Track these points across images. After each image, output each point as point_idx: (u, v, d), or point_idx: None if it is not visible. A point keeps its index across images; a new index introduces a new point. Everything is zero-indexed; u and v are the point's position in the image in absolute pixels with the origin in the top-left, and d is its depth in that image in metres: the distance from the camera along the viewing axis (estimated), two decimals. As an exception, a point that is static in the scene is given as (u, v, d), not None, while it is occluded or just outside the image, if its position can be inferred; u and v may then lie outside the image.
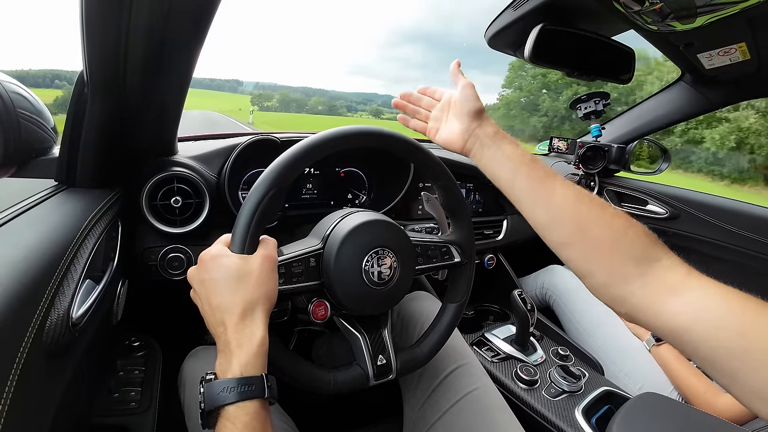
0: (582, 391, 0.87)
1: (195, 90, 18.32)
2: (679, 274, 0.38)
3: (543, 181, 0.47)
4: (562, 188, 0.46)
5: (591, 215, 0.43)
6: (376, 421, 0.79)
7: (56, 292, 0.42)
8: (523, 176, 0.49)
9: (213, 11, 0.50)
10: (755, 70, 0.98)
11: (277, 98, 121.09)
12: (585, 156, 1.34)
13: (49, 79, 71.53)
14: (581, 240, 0.44)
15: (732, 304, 0.34)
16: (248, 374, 0.39)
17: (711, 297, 0.35)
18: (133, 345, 0.82)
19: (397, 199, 0.98)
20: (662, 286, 0.38)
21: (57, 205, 0.56)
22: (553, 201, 0.46)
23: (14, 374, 0.33)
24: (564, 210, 0.45)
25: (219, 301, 0.41)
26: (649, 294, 0.38)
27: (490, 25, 1.00)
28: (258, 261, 0.43)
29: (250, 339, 0.40)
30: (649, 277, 0.39)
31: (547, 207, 0.47)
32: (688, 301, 0.36)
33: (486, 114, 0.54)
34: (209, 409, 0.37)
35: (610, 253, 0.42)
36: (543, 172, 0.48)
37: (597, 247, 0.43)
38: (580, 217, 0.44)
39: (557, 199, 0.46)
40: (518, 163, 0.49)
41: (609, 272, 0.42)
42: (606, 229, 0.42)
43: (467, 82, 0.55)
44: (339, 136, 0.50)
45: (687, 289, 0.37)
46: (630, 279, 0.40)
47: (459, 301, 0.62)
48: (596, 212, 0.43)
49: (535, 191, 0.48)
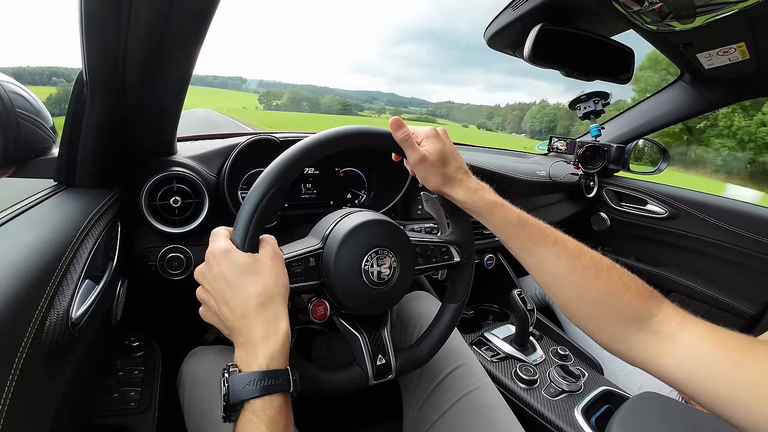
0: (581, 390, 0.87)
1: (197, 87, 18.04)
2: (671, 325, 0.40)
3: (532, 253, 0.48)
4: (553, 257, 0.46)
5: (586, 284, 0.44)
6: (375, 421, 0.79)
7: (56, 292, 0.42)
8: (511, 246, 0.50)
9: (212, 11, 0.50)
10: (754, 69, 0.98)
11: (286, 96, 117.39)
12: (584, 156, 1.34)
13: (47, 76, 71.36)
14: (578, 306, 0.45)
15: (721, 351, 0.36)
16: (274, 367, 0.38)
17: (700, 346, 0.37)
18: (133, 345, 0.82)
19: (396, 198, 0.98)
20: (657, 340, 0.40)
21: (56, 205, 0.56)
22: (544, 270, 0.47)
23: (14, 374, 0.33)
24: (557, 278, 0.46)
25: (238, 293, 0.40)
26: (647, 350, 0.40)
27: (490, 25, 1.00)
28: (268, 257, 0.43)
29: (276, 331, 0.40)
30: (644, 333, 0.41)
31: (541, 276, 0.48)
32: (681, 353, 0.38)
33: (461, 177, 0.52)
34: (234, 402, 0.37)
35: (606, 318, 0.43)
36: (531, 242, 0.48)
37: (593, 313, 0.44)
38: (575, 285, 0.45)
39: (549, 268, 0.46)
40: (505, 236, 0.50)
41: (607, 334, 0.43)
42: (601, 297, 0.43)
43: (418, 155, 0.50)
44: (339, 135, 0.50)
45: (679, 340, 0.38)
46: (627, 338, 0.42)
47: (458, 301, 0.62)
48: (590, 282, 0.44)
49: (525, 262, 0.49)
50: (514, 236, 0.49)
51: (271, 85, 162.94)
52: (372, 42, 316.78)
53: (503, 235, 0.50)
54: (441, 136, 0.53)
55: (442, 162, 0.51)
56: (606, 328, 0.43)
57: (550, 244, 0.47)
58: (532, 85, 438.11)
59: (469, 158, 1.19)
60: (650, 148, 1.44)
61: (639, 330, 0.41)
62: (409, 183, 0.97)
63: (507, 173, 1.22)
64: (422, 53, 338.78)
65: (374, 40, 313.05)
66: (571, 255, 0.45)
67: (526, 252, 0.48)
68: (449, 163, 0.51)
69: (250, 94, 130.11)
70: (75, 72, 0.59)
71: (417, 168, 0.52)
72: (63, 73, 75.64)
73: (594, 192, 1.41)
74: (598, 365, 0.99)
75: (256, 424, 0.36)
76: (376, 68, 25.85)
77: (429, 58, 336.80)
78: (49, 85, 49.98)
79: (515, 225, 0.49)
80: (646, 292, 0.43)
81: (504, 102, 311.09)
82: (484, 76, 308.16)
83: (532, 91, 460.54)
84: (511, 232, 0.49)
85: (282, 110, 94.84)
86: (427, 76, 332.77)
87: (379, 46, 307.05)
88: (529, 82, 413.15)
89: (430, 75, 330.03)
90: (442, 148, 0.51)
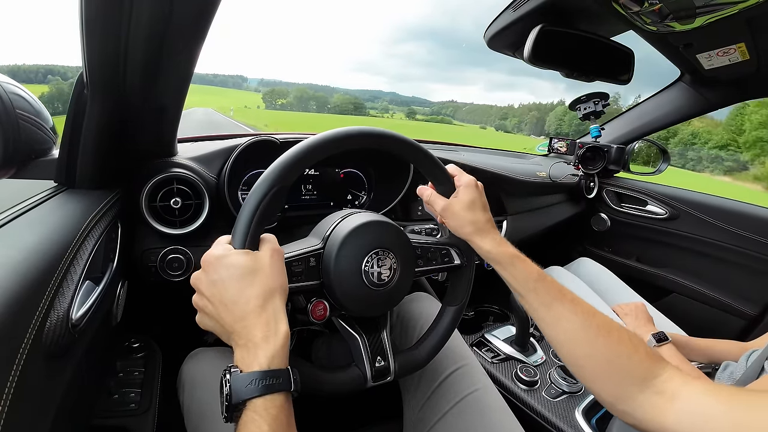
0: (582, 391, 0.87)
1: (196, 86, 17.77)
2: (675, 384, 0.41)
3: (550, 308, 0.49)
4: (570, 313, 0.48)
5: (598, 342, 0.46)
6: (376, 423, 0.79)
7: (56, 293, 0.42)
8: (530, 300, 0.51)
9: (213, 12, 0.50)
10: (754, 70, 0.98)
11: (293, 95, 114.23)
12: (584, 156, 1.34)
13: (42, 75, 71.29)
14: (590, 365, 0.46)
15: (721, 403, 0.37)
16: (275, 366, 0.39)
17: (702, 401, 0.38)
18: (133, 346, 0.82)
19: (397, 200, 0.98)
20: (662, 399, 0.41)
21: (57, 206, 0.56)
22: (560, 327, 0.48)
23: (14, 375, 0.33)
24: (571, 335, 0.47)
25: (236, 297, 0.40)
26: (651, 408, 0.41)
27: (490, 26, 1.00)
28: (267, 254, 0.43)
29: (276, 332, 0.40)
30: (650, 393, 0.42)
31: (555, 331, 0.49)
32: (683, 409, 0.39)
33: (488, 228, 0.55)
34: (236, 402, 0.37)
35: (615, 377, 0.44)
36: (550, 297, 0.49)
37: (603, 371, 0.45)
38: (588, 343, 0.46)
39: (564, 325, 0.48)
40: (525, 290, 0.51)
41: (614, 393, 0.44)
42: (611, 356, 0.45)
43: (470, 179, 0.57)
44: (340, 136, 0.50)
45: (681, 397, 0.40)
46: (633, 397, 0.43)
47: (458, 304, 0.62)
48: (602, 340, 0.45)
49: (541, 317, 0.50)
50: (533, 290, 0.50)
51: (272, 83, 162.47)
52: (373, 41, 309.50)
53: (523, 288, 0.51)
54: (479, 188, 0.57)
55: (471, 211, 0.55)
56: (614, 387, 0.45)
57: (567, 301, 0.49)
58: (533, 85, 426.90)
59: (469, 159, 1.19)
60: (650, 148, 1.44)
61: (645, 389, 0.42)
62: (410, 184, 0.97)
63: (507, 174, 1.22)
64: (423, 52, 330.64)
65: (375, 38, 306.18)
66: (586, 313, 0.47)
67: (545, 307, 0.49)
68: (479, 213, 0.55)
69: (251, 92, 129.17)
70: (71, 70, 0.59)
71: (446, 216, 0.57)
72: (59, 71, 75.69)
73: (594, 193, 1.41)
74: (599, 366, 0.99)
75: (259, 422, 0.36)
76: (377, 67, 25.79)
77: (430, 57, 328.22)
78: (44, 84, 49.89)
79: (536, 279, 0.50)
80: (653, 354, 0.45)
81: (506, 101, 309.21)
82: (485, 75, 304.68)
83: (533, 90, 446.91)
84: (531, 286, 0.50)
85: (288, 110, 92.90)
86: (428, 75, 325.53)
87: (380, 44, 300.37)
88: (531, 81, 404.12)
89: (431, 74, 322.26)
90: (478, 198, 0.56)
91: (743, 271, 1.23)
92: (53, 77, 57.77)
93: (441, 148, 1.41)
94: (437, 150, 1.31)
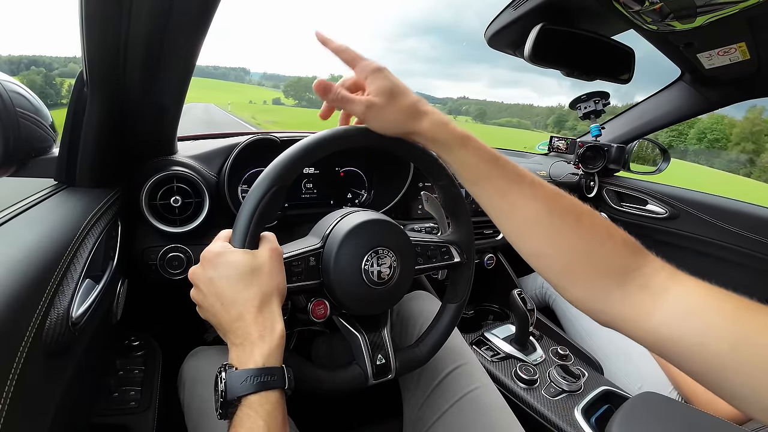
0: (581, 390, 0.87)
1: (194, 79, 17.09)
2: (661, 278, 0.36)
3: (506, 195, 0.42)
4: (530, 198, 0.41)
5: (564, 228, 0.39)
6: (376, 421, 0.79)
7: (56, 292, 0.42)
8: (483, 188, 0.44)
9: (213, 9, 0.50)
10: (755, 70, 0.98)
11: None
12: (584, 155, 1.34)
13: (25, 65, 71.03)
14: (553, 255, 0.40)
15: (723, 308, 0.31)
16: (270, 364, 0.39)
17: (699, 301, 0.33)
18: (133, 344, 0.82)
19: (397, 198, 0.98)
20: (644, 295, 0.35)
21: (57, 205, 0.56)
22: (518, 215, 0.42)
23: (14, 374, 0.33)
24: (532, 223, 0.41)
25: (233, 297, 0.40)
26: (630, 306, 0.36)
27: (490, 25, 1.00)
28: (266, 254, 0.43)
29: (272, 331, 0.40)
30: (630, 287, 0.36)
31: (511, 222, 0.43)
32: (673, 308, 0.33)
33: (424, 108, 0.45)
34: (231, 398, 0.37)
35: (585, 268, 0.39)
36: (506, 182, 0.42)
37: (570, 262, 0.39)
38: (552, 230, 0.40)
39: (524, 211, 0.41)
40: (476, 176, 0.44)
41: (585, 289, 0.39)
42: (581, 243, 0.39)
43: (373, 66, 0.45)
44: (340, 135, 0.50)
45: (670, 294, 0.34)
46: (608, 293, 0.37)
47: (458, 301, 0.62)
48: (570, 227, 0.39)
49: (497, 207, 0.44)
50: (486, 176, 0.43)
51: (274, 77, 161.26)
52: (375, 36, 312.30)
53: (474, 175, 0.44)
54: (385, 72, 0.45)
55: (394, 99, 0.44)
56: (584, 282, 0.38)
57: (526, 185, 0.41)
58: (537, 82, 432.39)
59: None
60: (650, 148, 1.44)
61: (623, 283, 0.36)
62: (410, 183, 0.97)
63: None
64: (426, 47, 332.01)
65: (377, 34, 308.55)
66: (549, 197, 0.41)
67: (499, 194, 0.42)
68: (403, 97, 0.45)
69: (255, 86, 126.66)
70: (57, 60, 0.59)
71: (369, 117, 0.46)
72: (43, 61, 75.68)
73: (594, 192, 1.41)
74: (598, 365, 0.99)
75: (254, 418, 0.36)
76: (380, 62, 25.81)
77: (433, 52, 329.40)
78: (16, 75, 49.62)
79: (489, 162, 0.43)
80: (632, 243, 0.38)
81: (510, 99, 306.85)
82: (489, 71, 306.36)
83: (537, 87, 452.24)
84: (484, 171, 0.43)
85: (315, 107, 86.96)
86: (431, 71, 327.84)
87: (382, 40, 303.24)
88: (535, 78, 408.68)
89: (435, 70, 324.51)
90: (389, 84, 0.45)
91: (743, 270, 1.23)
92: (38, 68, 57.68)
93: None
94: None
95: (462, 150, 0.44)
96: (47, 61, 72.34)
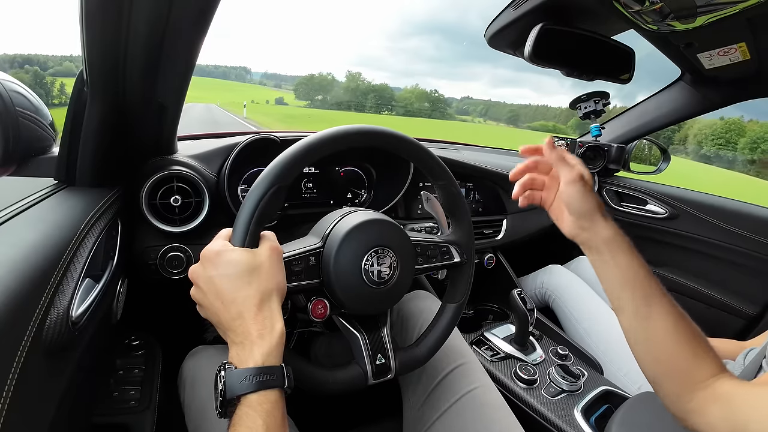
0: (581, 390, 0.87)
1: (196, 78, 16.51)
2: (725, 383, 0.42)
3: (648, 302, 0.47)
4: (664, 315, 0.47)
5: (686, 347, 0.46)
6: (375, 421, 0.79)
7: (56, 291, 0.42)
8: (629, 292, 0.48)
9: (213, 9, 0.50)
10: (755, 70, 0.98)
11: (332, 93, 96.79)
12: (584, 155, 1.34)
13: (18, 64, 70.63)
14: (670, 370, 0.46)
15: None
16: (270, 364, 0.39)
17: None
18: (133, 344, 0.82)
19: (397, 198, 0.98)
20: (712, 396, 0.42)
21: (57, 204, 0.56)
22: (651, 325, 0.47)
23: (14, 373, 0.33)
24: (660, 335, 0.46)
25: (233, 295, 0.41)
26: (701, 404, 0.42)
27: (490, 25, 1.00)
28: (266, 253, 0.43)
29: (271, 330, 0.40)
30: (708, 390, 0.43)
31: (646, 329, 0.47)
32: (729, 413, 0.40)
33: (602, 213, 0.51)
34: (230, 397, 0.37)
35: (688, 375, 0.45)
36: (651, 290, 0.47)
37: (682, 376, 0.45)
38: (677, 346, 0.46)
39: (657, 323, 0.47)
40: (629, 279, 0.48)
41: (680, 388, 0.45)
42: (691, 360, 0.45)
43: (572, 176, 0.50)
44: (341, 134, 0.50)
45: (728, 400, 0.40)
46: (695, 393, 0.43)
47: (458, 301, 0.62)
48: (690, 347, 0.46)
49: (637, 312, 0.48)
50: (634, 283, 0.48)
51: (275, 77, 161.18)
52: (378, 35, 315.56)
53: (628, 278, 0.48)
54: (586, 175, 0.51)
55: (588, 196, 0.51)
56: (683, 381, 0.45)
57: (665, 301, 0.47)
58: (539, 81, 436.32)
59: (469, 157, 1.19)
60: (651, 148, 1.44)
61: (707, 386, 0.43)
62: (410, 183, 0.97)
63: (507, 173, 1.22)
64: (430, 47, 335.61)
65: (380, 33, 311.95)
66: (676, 317, 0.47)
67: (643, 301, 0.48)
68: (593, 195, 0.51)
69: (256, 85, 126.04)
70: (52, 59, 0.59)
71: (570, 187, 0.50)
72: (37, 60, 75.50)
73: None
74: (598, 365, 0.99)
75: (253, 417, 0.36)
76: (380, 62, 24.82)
77: (437, 52, 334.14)
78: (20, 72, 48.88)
79: (644, 275, 0.48)
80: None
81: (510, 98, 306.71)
82: (491, 71, 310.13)
83: (538, 87, 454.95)
84: (639, 277, 0.48)
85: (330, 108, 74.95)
86: (433, 70, 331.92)
87: (386, 39, 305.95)
88: (536, 78, 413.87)
89: (437, 69, 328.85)
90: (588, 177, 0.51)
91: (743, 270, 1.23)
92: (32, 66, 57.42)
93: (441, 147, 1.41)
94: (437, 148, 1.31)
95: (631, 251, 0.49)
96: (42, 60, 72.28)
